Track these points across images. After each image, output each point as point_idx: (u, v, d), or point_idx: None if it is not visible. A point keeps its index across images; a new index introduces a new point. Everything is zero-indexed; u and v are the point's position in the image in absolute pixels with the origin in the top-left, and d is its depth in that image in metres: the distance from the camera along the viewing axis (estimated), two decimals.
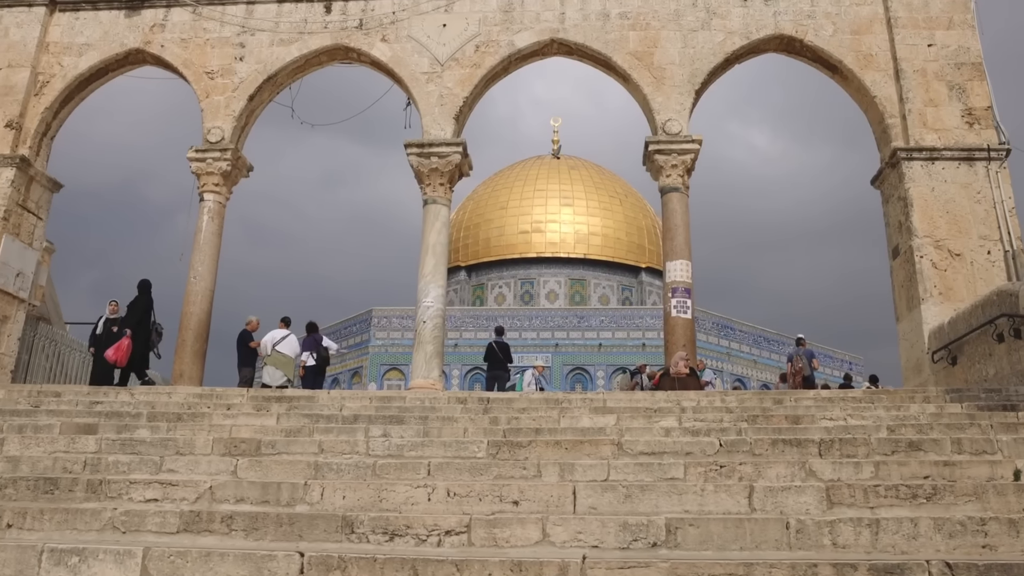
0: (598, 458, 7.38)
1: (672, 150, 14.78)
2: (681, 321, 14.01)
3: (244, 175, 16.56)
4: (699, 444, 7.54)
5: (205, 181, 15.84)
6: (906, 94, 14.65)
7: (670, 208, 14.69)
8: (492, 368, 16.93)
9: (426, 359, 14.18)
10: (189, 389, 12.04)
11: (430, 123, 15.50)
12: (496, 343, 17.22)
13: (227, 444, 7.94)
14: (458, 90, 15.65)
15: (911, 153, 14.25)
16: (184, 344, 14.90)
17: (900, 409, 9.46)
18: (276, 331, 15.13)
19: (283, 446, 7.93)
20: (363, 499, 6.26)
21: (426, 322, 14.43)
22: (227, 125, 16.05)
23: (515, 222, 48.94)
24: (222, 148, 15.82)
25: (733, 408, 9.58)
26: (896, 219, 14.54)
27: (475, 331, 42.02)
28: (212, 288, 15.50)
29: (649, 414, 9.30)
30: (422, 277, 14.75)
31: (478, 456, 7.56)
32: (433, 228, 14.92)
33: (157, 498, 6.44)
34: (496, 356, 16.96)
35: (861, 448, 7.34)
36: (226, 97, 16.22)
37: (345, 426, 8.88)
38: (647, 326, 41.02)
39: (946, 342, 12.64)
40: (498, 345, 17.12)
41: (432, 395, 11.14)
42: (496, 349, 17.03)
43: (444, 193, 15.20)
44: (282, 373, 14.53)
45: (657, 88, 15.27)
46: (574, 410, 9.64)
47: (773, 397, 10.29)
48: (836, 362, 44.95)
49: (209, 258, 15.49)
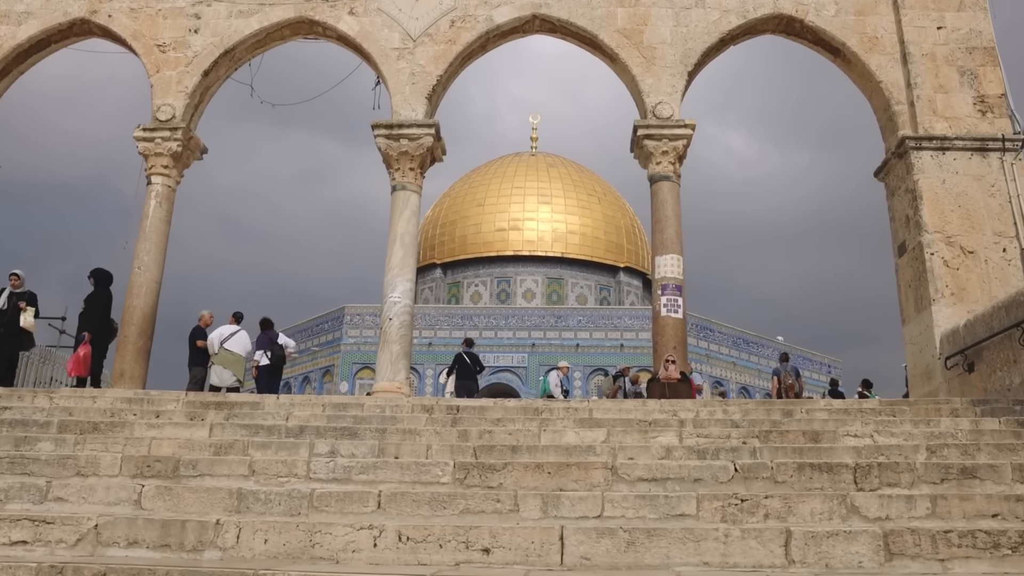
0: (588, 486, 5.97)
1: (663, 135, 13.41)
2: (671, 321, 12.65)
3: (197, 157, 14.98)
4: (709, 468, 6.14)
5: (153, 163, 14.25)
6: (914, 79, 13.38)
7: (660, 198, 13.31)
8: (461, 377, 16.22)
9: (392, 360, 12.72)
10: (119, 393, 10.49)
11: (400, 103, 14.03)
12: (466, 353, 16.60)
13: (139, 463, 6.45)
14: (431, 68, 14.18)
15: (920, 142, 12.97)
16: (126, 341, 13.31)
17: (930, 424, 8.14)
18: (225, 327, 13.57)
19: (207, 466, 6.46)
20: (290, 544, 4.81)
21: (392, 319, 12.97)
22: (179, 102, 14.47)
23: (492, 219, 47.44)
24: (172, 127, 14.24)
25: (739, 421, 8.21)
26: (903, 213, 13.27)
27: (450, 330, 40.51)
28: (159, 280, 13.92)
29: (644, 428, 7.90)
30: (389, 270, 13.29)
31: (442, 482, 6.12)
32: (402, 216, 13.45)
33: (26, 540, 4.94)
34: (466, 365, 16.29)
35: (904, 475, 5.98)
36: (178, 72, 14.64)
37: (287, 440, 7.41)
38: (625, 326, 39.73)
39: (962, 347, 11.36)
40: (468, 355, 16.54)
41: (395, 401, 9.68)
42: (466, 358, 16.42)
43: (414, 179, 13.73)
44: (231, 373, 12.97)
45: (647, 69, 13.89)
46: (556, 422, 8.23)
47: (781, 408, 8.92)
48: (815, 365, 43.90)
49: (156, 247, 13.91)
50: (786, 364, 18.04)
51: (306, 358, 43.20)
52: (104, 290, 12.47)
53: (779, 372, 17.54)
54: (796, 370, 18.30)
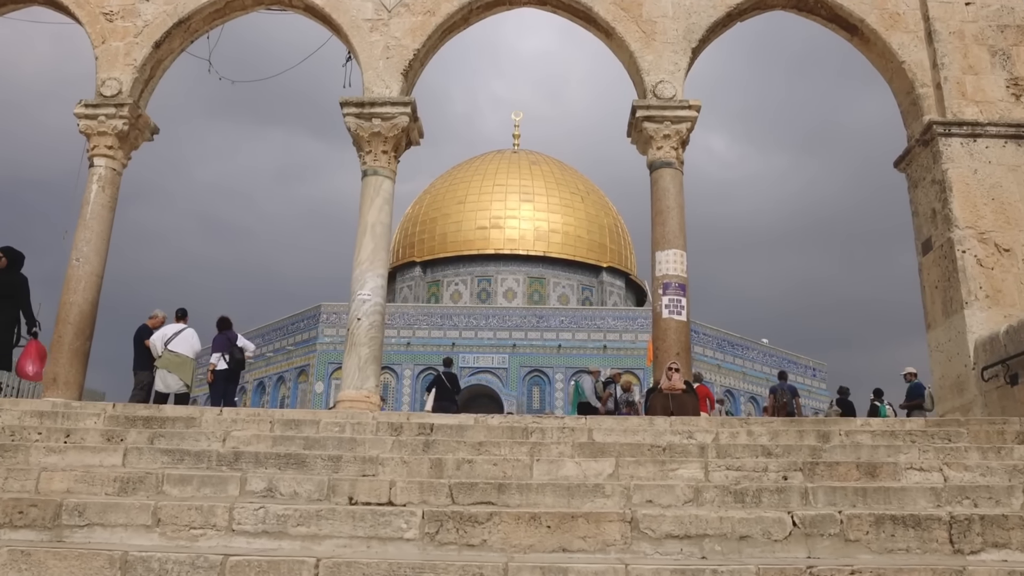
0: (601, 544, 4.43)
1: (665, 117, 11.88)
2: (674, 323, 11.12)
3: (147, 138, 13.27)
4: (759, 522, 4.61)
5: (96, 143, 12.53)
6: (940, 59, 11.94)
7: (661, 187, 11.78)
8: (441, 399, 15.55)
9: (360, 365, 11.11)
10: (29, 405, 8.79)
11: (373, 79, 12.40)
12: (445, 374, 16.13)
13: (9, 509, 4.83)
14: (408, 41, 12.57)
15: (949, 128, 11.53)
16: (60, 341, 11.59)
17: (1001, 453, 6.65)
18: (169, 326, 11.88)
19: (99, 512, 4.84)
20: None
21: (361, 319, 11.36)
22: (126, 77, 12.76)
23: (473, 217, 45.79)
24: (118, 103, 12.51)
25: (770, 448, 6.69)
26: (928, 207, 11.82)
27: (429, 329, 38.89)
28: (100, 273, 12.20)
29: (658, 456, 6.37)
30: (358, 264, 11.67)
31: (407, 537, 4.56)
32: (373, 204, 11.83)
33: None
34: (445, 386, 15.69)
35: (1016, 533, 4.48)
36: (126, 43, 12.94)
37: (216, 472, 5.80)
38: (609, 327, 38.26)
39: (1003, 356, 9.91)
40: (447, 376, 16.06)
41: (358, 417, 8.07)
42: (444, 379, 15.89)
43: (388, 163, 12.10)
44: (177, 378, 11.27)
45: (646, 45, 12.36)
46: (551, 447, 6.66)
47: (815, 430, 7.41)
48: (800, 368, 42.66)
49: (98, 237, 12.18)
50: (784, 383, 17.65)
51: (281, 357, 41.43)
52: (11, 273, 10.69)
53: (776, 390, 17.14)
54: (793, 389, 17.80)
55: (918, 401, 15.68)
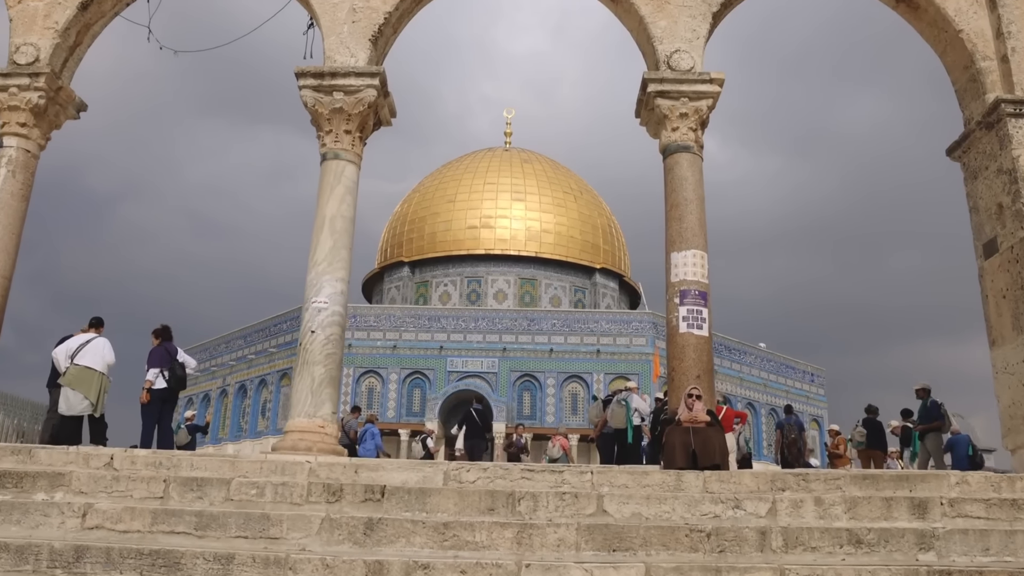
0: None
1: (681, 93, 9.76)
2: (693, 340, 8.99)
3: (71, 115, 11.07)
4: None
5: (7, 119, 10.32)
6: (1007, 27, 9.88)
7: (677, 175, 9.66)
8: (471, 436, 15.18)
9: (313, 388, 8.96)
10: None
11: (335, 45, 10.26)
12: (476, 411, 15.71)
13: None
14: (378, 3, 10.42)
15: (1020, 107, 9.48)
16: None
17: None
18: (76, 337, 9.64)
19: None
20: None
21: (316, 332, 9.24)
22: (45, 42, 10.59)
23: (463, 216, 43.57)
24: (34, 72, 10.32)
25: (859, 534, 4.59)
26: (992, 201, 9.76)
27: (416, 331, 36.68)
28: (9, 275, 10.00)
29: (701, 544, 4.28)
30: (313, 265, 9.54)
31: None
32: (333, 193, 9.68)
33: None
34: (476, 424, 15.34)
35: None
36: (47, 3, 10.76)
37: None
38: (602, 331, 36.15)
39: None
40: (478, 413, 15.70)
41: (290, 471, 5.93)
42: (476, 417, 15.53)
43: (351, 144, 9.95)
44: (82, 396, 8.99)
45: (659, 8, 10.26)
46: (547, 533, 4.55)
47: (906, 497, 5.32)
48: (798, 373, 40.65)
49: (6, 230, 9.97)
50: (790, 417, 16.63)
51: (263, 360, 39.20)
52: None
53: (783, 425, 16.29)
54: (800, 425, 16.92)
55: (938, 423, 13.60)
